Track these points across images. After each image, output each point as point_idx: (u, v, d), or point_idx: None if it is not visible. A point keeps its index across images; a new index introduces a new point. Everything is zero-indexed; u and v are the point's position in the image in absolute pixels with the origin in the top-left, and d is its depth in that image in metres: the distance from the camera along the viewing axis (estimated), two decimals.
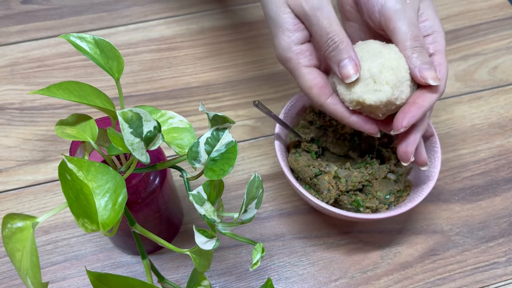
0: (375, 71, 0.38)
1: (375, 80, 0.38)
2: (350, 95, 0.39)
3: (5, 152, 0.53)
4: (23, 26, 0.63)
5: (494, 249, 0.49)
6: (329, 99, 0.41)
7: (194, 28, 0.64)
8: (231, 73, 0.60)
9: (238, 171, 0.53)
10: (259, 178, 0.32)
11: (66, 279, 0.46)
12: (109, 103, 0.33)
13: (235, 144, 0.31)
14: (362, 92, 0.39)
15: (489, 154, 0.55)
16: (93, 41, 0.33)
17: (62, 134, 0.32)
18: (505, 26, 0.66)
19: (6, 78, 0.59)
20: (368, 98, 0.39)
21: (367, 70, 0.38)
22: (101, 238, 0.48)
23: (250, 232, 0.49)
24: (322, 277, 0.47)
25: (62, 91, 0.31)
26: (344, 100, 0.40)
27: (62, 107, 0.57)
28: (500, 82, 0.61)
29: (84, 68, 0.60)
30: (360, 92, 0.39)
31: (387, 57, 0.39)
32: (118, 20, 0.64)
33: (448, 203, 0.52)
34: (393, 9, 0.39)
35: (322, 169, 0.45)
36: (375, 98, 0.38)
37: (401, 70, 0.39)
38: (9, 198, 0.50)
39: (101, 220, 0.28)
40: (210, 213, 0.31)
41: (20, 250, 0.26)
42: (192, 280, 0.36)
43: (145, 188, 0.38)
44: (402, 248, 0.49)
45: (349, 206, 0.45)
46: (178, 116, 0.34)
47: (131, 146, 0.28)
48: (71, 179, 0.28)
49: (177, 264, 0.47)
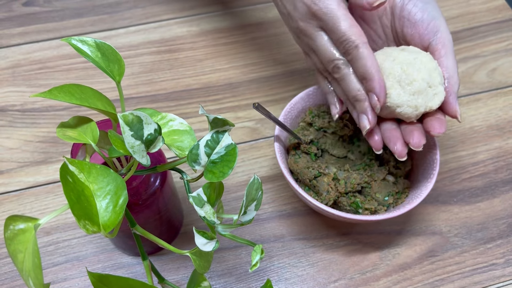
0: (426, 77, 0.40)
1: (430, 85, 0.40)
2: (416, 110, 0.41)
3: (6, 153, 0.53)
4: (24, 28, 0.63)
5: (493, 251, 0.49)
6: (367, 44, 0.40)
7: (194, 30, 0.64)
8: (231, 75, 0.61)
9: (238, 173, 0.53)
10: (258, 180, 0.32)
11: (67, 280, 0.46)
12: (110, 106, 0.33)
13: (235, 147, 0.31)
14: (425, 101, 0.40)
15: (487, 156, 0.55)
16: (94, 44, 0.33)
17: (64, 137, 0.32)
18: (504, 28, 0.66)
19: (8, 80, 0.59)
20: (434, 104, 0.41)
21: (421, 79, 0.40)
22: (101, 239, 0.49)
23: (250, 234, 0.50)
24: (322, 278, 0.47)
25: (63, 94, 0.31)
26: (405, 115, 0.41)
27: (63, 109, 0.57)
28: (499, 84, 0.61)
29: (85, 70, 0.60)
30: (424, 102, 0.40)
31: (425, 61, 0.40)
32: (119, 22, 0.65)
33: (446, 205, 0.52)
34: (447, 39, 0.41)
35: (321, 170, 0.46)
36: (438, 101, 0.41)
37: (437, 68, 0.41)
38: (10, 199, 0.50)
39: (102, 222, 0.28)
40: (210, 215, 0.31)
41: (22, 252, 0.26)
42: (192, 281, 0.37)
43: (146, 190, 0.38)
44: (401, 249, 0.49)
45: (348, 207, 0.45)
46: (178, 119, 0.34)
47: (131, 148, 0.28)
48: (73, 181, 0.28)
49: (177, 265, 0.48)
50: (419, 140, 0.41)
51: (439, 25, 0.41)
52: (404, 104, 0.40)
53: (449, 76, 0.41)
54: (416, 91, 0.40)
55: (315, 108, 0.51)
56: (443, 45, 0.41)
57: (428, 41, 0.41)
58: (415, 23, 0.41)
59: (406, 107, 0.40)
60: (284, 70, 0.61)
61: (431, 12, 0.41)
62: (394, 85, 0.40)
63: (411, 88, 0.40)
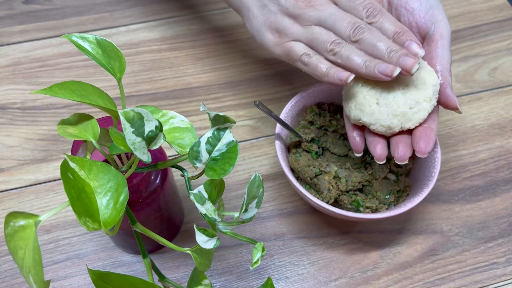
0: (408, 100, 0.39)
1: (412, 106, 0.39)
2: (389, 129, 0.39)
3: (7, 151, 0.53)
4: (25, 26, 0.63)
5: (494, 250, 0.49)
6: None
7: (195, 28, 0.64)
8: (232, 74, 0.60)
9: (239, 171, 0.53)
10: (259, 178, 0.32)
11: (67, 278, 0.46)
12: (110, 103, 0.33)
13: (236, 144, 0.31)
14: (402, 122, 0.39)
15: (489, 155, 0.55)
16: (95, 41, 0.33)
17: (64, 134, 0.32)
18: (505, 27, 0.66)
19: (8, 78, 0.59)
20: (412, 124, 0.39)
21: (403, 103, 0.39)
22: (102, 237, 0.48)
23: (251, 232, 0.50)
24: (322, 277, 0.47)
25: (64, 91, 0.31)
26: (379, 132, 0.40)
27: (64, 107, 0.57)
28: (500, 83, 0.61)
29: (85, 68, 0.60)
30: (400, 123, 0.39)
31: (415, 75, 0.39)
32: (120, 20, 0.64)
33: (447, 203, 0.52)
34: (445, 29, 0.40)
35: (322, 169, 0.46)
36: (418, 119, 0.39)
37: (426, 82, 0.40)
38: (10, 197, 0.50)
39: (102, 219, 0.28)
40: (211, 212, 0.31)
41: (22, 248, 0.26)
42: (193, 279, 0.36)
43: (146, 187, 0.38)
44: (401, 248, 0.49)
45: (349, 206, 0.45)
46: (179, 116, 0.34)
47: (132, 145, 0.28)
48: (73, 178, 0.28)
49: (178, 263, 0.47)
50: (404, 153, 0.39)
51: (437, 14, 0.40)
52: (377, 123, 0.39)
53: (442, 68, 0.40)
54: (392, 113, 0.39)
55: (316, 106, 0.51)
56: (441, 36, 0.40)
57: (426, 31, 0.41)
58: (412, 12, 0.41)
59: (379, 126, 0.40)
60: (285, 69, 0.61)
61: (430, 1, 0.41)
62: (371, 101, 0.39)
63: (388, 109, 0.39)
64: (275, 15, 0.41)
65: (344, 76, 0.38)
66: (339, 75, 0.38)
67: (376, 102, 0.39)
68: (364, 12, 0.39)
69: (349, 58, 0.38)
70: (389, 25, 0.39)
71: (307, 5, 0.40)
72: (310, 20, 0.40)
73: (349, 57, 0.38)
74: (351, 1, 0.40)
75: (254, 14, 0.43)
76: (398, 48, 0.38)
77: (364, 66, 0.38)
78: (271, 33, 0.42)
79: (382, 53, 0.38)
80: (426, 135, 0.39)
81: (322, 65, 0.40)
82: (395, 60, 0.37)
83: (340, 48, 0.39)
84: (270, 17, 0.42)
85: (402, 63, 0.37)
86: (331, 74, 0.39)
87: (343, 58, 0.39)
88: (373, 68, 0.37)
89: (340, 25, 0.39)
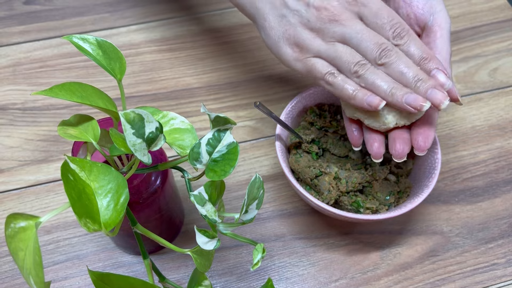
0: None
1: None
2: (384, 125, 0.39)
3: (7, 152, 0.53)
4: (25, 27, 0.63)
5: (494, 250, 0.49)
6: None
7: (195, 29, 0.64)
8: (232, 74, 0.60)
9: (239, 172, 0.53)
10: (260, 179, 0.32)
11: (67, 279, 0.46)
12: (111, 104, 0.33)
13: (236, 145, 0.31)
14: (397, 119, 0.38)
15: (489, 156, 0.55)
16: (95, 42, 0.33)
17: (65, 135, 0.32)
18: (505, 28, 0.66)
19: (9, 78, 0.59)
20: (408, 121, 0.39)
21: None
22: (102, 238, 0.48)
23: (251, 233, 0.50)
24: (323, 278, 0.47)
25: (64, 92, 0.31)
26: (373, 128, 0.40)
27: (64, 107, 0.57)
28: (500, 84, 0.61)
29: (86, 69, 0.60)
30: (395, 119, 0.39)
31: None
32: (120, 21, 0.64)
33: (448, 204, 0.52)
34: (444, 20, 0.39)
35: (322, 170, 0.46)
36: (414, 117, 0.39)
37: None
38: (11, 197, 0.50)
39: (103, 220, 0.28)
40: (211, 213, 0.31)
41: (23, 250, 0.26)
42: (193, 280, 0.36)
43: (147, 188, 0.38)
44: (402, 249, 0.49)
45: (350, 206, 0.45)
46: (179, 117, 0.34)
47: (133, 146, 0.28)
48: (74, 179, 0.28)
49: (178, 264, 0.47)
50: (402, 150, 0.38)
51: (435, 5, 0.40)
52: (372, 119, 0.39)
53: (442, 60, 0.39)
54: (387, 109, 0.38)
55: (316, 107, 0.51)
56: (439, 27, 0.39)
57: (424, 22, 0.40)
58: (411, 3, 0.40)
59: (373, 122, 0.39)
60: (285, 69, 0.61)
61: None
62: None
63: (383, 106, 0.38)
64: (295, 28, 0.39)
65: (375, 102, 0.36)
66: (369, 100, 0.36)
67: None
68: (391, 32, 0.37)
69: (374, 84, 0.37)
70: (416, 49, 0.37)
71: (331, 19, 0.38)
72: (334, 36, 0.38)
73: (375, 82, 0.37)
74: (377, 17, 0.37)
75: (271, 25, 0.40)
76: (426, 77, 0.36)
77: (390, 94, 0.36)
78: (291, 47, 0.39)
79: (408, 81, 0.36)
80: (425, 131, 0.39)
81: (349, 86, 0.37)
82: (423, 91, 0.36)
83: (364, 71, 0.37)
84: (289, 30, 0.39)
85: (431, 98, 0.35)
86: (358, 98, 0.37)
87: (368, 83, 0.37)
88: (401, 98, 0.36)
89: (366, 46, 0.37)
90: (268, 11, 0.40)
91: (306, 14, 0.38)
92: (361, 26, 0.37)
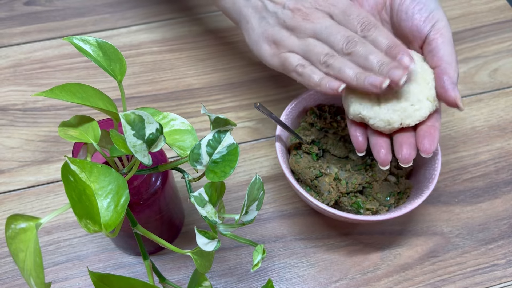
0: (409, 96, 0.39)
1: (413, 103, 0.39)
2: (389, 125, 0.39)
3: (7, 152, 0.53)
4: (26, 28, 0.63)
5: (494, 251, 0.49)
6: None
7: (196, 30, 0.64)
8: (232, 75, 0.61)
9: (239, 173, 0.53)
10: (260, 180, 0.32)
11: (68, 280, 0.46)
12: (111, 105, 0.33)
13: (237, 146, 0.31)
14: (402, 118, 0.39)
15: (489, 156, 0.55)
16: (96, 44, 0.33)
17: (65, 136, 0.32)
18: (505, 28, 0.66)
19: (9, 79, 0.59)
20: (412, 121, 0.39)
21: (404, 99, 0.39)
22: (102, 238, 0.49)
23: (251, 233, 0.50)
24: (323, 278, 0.47)
25: (65, 93, 0.31)
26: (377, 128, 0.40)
27: (64, 108, 0.57)
28: (501, 84, 0.61)
29: (86, 69, 0.60)
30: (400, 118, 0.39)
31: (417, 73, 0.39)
32: (120, 21, 0.65)
33: (448, 205, 0.52)
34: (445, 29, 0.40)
35: (322, 170, 0.46)
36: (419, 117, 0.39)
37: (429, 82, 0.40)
38: (11, 198, 0.50)
39: (103, 221, 0.28)
40: (212, 215, 0.31)
41: (23, 251, 0.26)
42: (193, 281, 0.37)
43: (147, 189, 0.38)
44: (402, 250, 0.49)
45: (350, 207, 0.45)
46: (180, 118, 0.34)
47: (133, 147, 0.28)
48: (74, 180, 0.28)
49: (178, 264, 0.47)
50: (409, 155, 0.39)
51: (436, 16, 0.41)
52: (377, 118, 0.39)
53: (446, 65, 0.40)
54: (392, 108, 0.39)
55: (316, 108, 0.51)
56: (441, 35, 0.40)
57: (426, 33, 0.41)
58: (413, 16, 0.41)
59: (379, 121, 0.39)
60: None
61: (429, 5, 0.41)
62: (371, 96, 0.39)
63: (388, 104, 0.39)
64: (273, 27, 0.43)
65: (335, 86, 0.39)
66: (330, 85, 0.39)
67: (376, 97, 0.39)
68: (359, 26, 0.40)
69: (341, 70, 0.39)
70: (383, 38, 0.39)
71: (304, 19, 0.41)
72: (306, 32, 0.41)
73: (341, 69, 0.39)
74: (346, 14, 0.41)
75: (253, 26, 0.44)
76: (389, 61, 0.38)
77: (355, 78, 0.39)
78: (268, 44, 0.43)
79: (373, 65, 0.38)
80: (431, 134, 0.39)
81: (315, 75, 0.40)
82: (385, 72, 0.38)
83: (333, 60, 0.40)
84: (268, 29, 0.43)
85: (390, 75, 0.37)
86: (323, 84, 0.40)
87: (335, 70, 0.39)
88: (363, 80, 0.38)
89: (334, 38, 0.40)
90: (251, 15, 0.44)
91: (282, 15, 0.42)
92: (330, 22, 0.41)
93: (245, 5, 0.45)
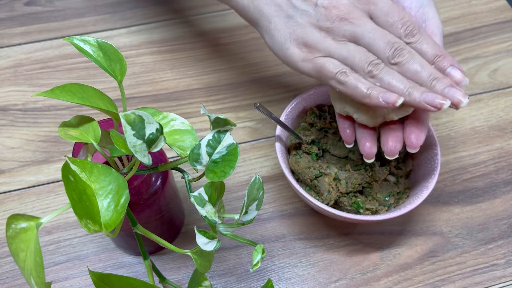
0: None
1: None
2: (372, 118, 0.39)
3: (8, 152, 0.53)
4: (26, 28, 0.63)
5: (494, 251, 0.49)
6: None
7: (195, 30, 0.65)
8: (232, 75, 0.61)
9: (239, 173, 0.53)
10: (259, 180, 0.32)
11: (68, 279, 0.46)
12: (111, 105, 0.33)
13: (236, 146, 0.31)
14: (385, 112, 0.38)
15: (489, 156, 0.55)
16: (96, 44, 0.33)
17: (65, 136, 0.32)
18: (505, 29, 0.66)
19: (10, 79, 0.59)
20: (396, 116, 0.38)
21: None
22: (103, 238, 0.49)
23: (251, 233, 0.50)
24: (322, 278, 0.47)
25: (65, 93, 0.31)
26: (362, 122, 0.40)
27: (65, 108, 0.57)
28: (500, 85, 0.61)
29: (86, 70, 0.60)
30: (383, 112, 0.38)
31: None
32: (120, 22, 0.65)
33: (447, 205, 0.52)
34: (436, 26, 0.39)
35: (322, 170, 0.46)
36: (404, 112, 0.38)
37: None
38: (12, 198, 0.51)
39: (103, 221, 0.28)
40: (211, 214, 0.31)
41: (24, 250, 0.26)
42: (193, 281, 0.37)
43: (147, 189, 0.39)
44: (401, 250, 0.49)
45: (349, 207, 0.45)
46: (180, 118, 0.34)
47: (133, 147, 0.28)
48: (74, 180, 0.28)
49: (178, 264, 0.48)
50: (394, 147, 0.38)
51: (427, 12, 0.39)
52: (360, 113, 0.39)
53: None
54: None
55: (316, 108, 0.51)
56: (432, 33, 0.39)
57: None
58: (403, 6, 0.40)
59: (362, 116, 0.39)
60: (285, 71, 0.61)
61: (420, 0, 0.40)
62: None
63: None
64: (303, 28, 0.38)
65: (391, 99, 0.35)
66: (385, 98, 0.35)
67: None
68: (403, 30, 0.37)
69: (390, 84, 0.36)
70: (428, 47, 0.37)
71: (341, 18, 0.37)
72: (345, 35, 0.37)
73: (391, 83, 0.36)
74: (388, 16, 0.37)
75: (277, 27, 0.39)
76: (441, 76, 0.36)
77: (407, 93, 0.35)
78: (298, 47, 0.38)
79: (424, 80, 0.36)
80: (417, 128, 0.38)
81: (362, 85, 0.36)
82: (439, 90, 0.35)
83: (379, 71, 0.36)
84: (297, 30, 0.38)
85: (450, 96, 0.34)
86: (374, 96, 0.35)
87: (384, 83, 0.36)
88: (419, 98, 0.35)
89: (379, 45, 0.36)
90: (273, 13, 0.39)
91: (315, 14, 0.37)
92: (372, 25, 0.37)
93: (267, 3, 0.39)
